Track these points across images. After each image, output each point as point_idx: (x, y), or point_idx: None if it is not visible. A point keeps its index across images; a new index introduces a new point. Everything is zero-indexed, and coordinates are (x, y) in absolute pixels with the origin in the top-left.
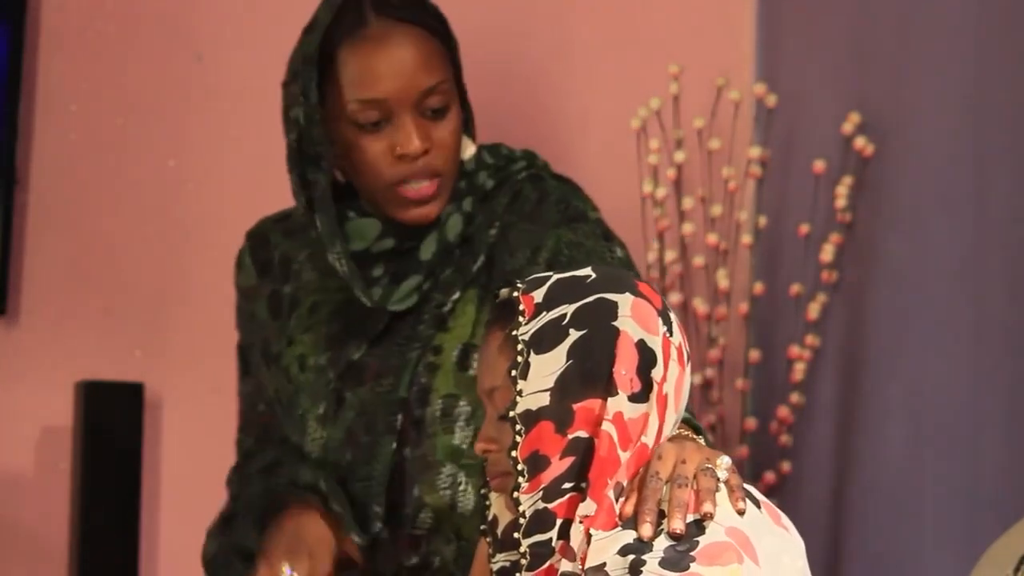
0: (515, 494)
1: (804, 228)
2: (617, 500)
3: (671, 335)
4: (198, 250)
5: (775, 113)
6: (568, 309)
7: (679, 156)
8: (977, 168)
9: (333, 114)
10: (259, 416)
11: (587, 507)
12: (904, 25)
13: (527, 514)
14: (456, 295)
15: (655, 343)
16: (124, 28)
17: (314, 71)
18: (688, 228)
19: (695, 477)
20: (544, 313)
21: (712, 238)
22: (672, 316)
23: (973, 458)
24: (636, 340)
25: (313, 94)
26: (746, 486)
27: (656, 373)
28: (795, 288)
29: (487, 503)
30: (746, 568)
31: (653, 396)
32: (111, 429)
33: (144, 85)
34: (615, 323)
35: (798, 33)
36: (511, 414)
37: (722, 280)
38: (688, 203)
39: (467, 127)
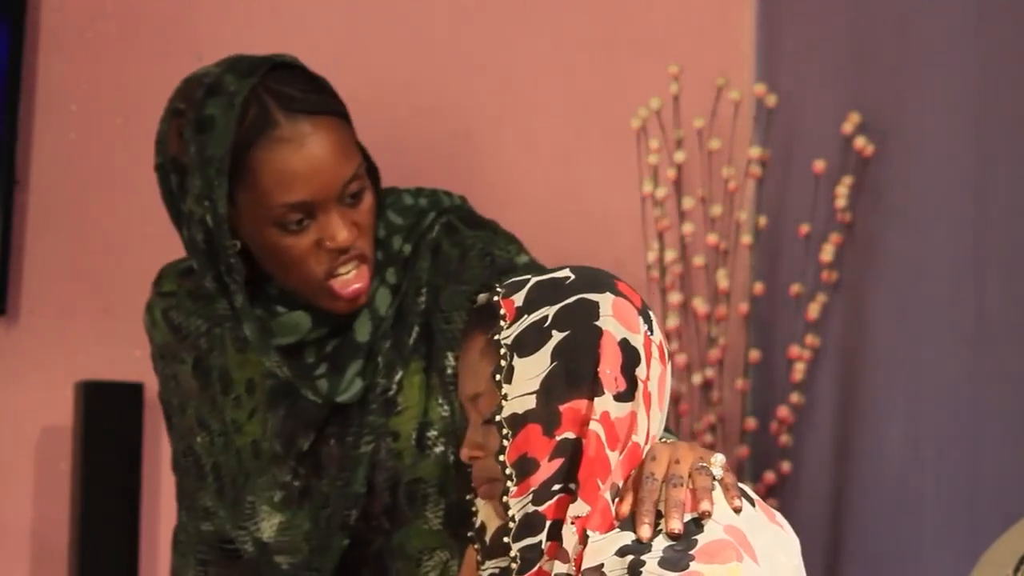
0: (504, 498)
1: (804, 228)
2: (613, 501)
3: (652, 333)
4: None
5: (775, 113)
6: (550, 311)
7: (679, 156)
8: (977, 168)
9: (250, 217)
10: (189, 471)
11: (579, 508)
12: (904, 25)
13: (517, 518)
14: (399, 375)
15: (637, 341)
16: (124, 28)
17: (223, 177)
18: (688, 228)
19: (690, 476)
20: (525, 316)
21: (712, 238)
22: (651, 314)
23: (973, 458)
24: (619, 339)
25: (223, 202)
26: (739, 484)
27: (640, 371)
28: (795, 288)
29: (474, 509)
30: (746, 566)
31: (639, 394)
32: (111, 429)
33: (144, 85)
34: (597, 323)
35: (798, 33)
36: (497, 418)
37: (722, 280)
38: (688, 203)
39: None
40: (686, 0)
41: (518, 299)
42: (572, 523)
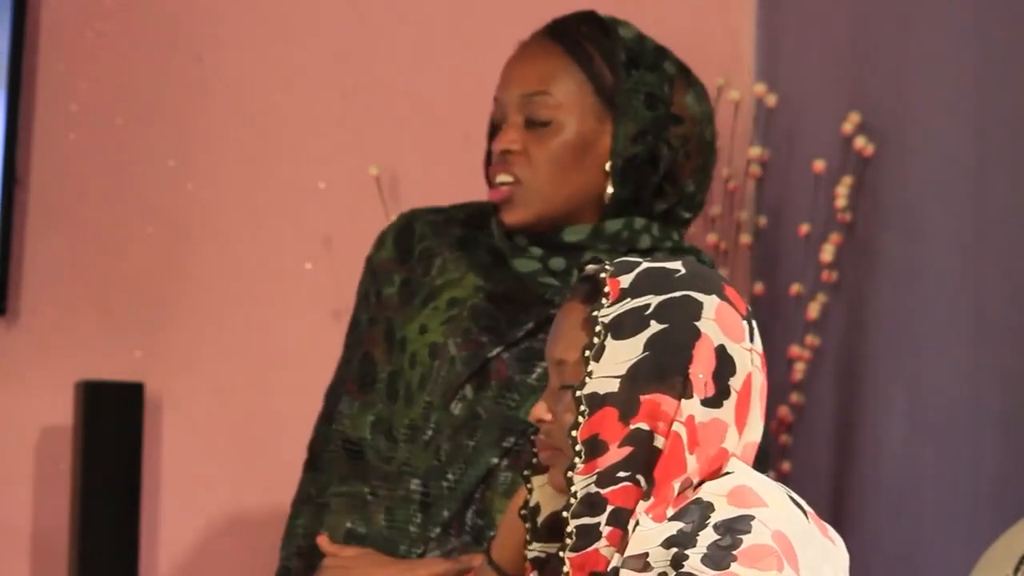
0: (569, 474)
1: (804, 228)
2: (680, 492)
3: (752, 342)
4: (198, 250)
5: (775, 113)
6: (653, 300)
7: None
8: (977, 168)
9: None
10: (344, 382)
11: (649, 505)
12: (904, 25)
13: (578, 495)
14: None
15: (735, 351)
16: (124, 28)
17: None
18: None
19: None
20: (628, 299)
21: (712, 238)
22: (754, 323)
23: (973, 458)
24: (716, 345)
25: None
26: (794, 496)
27: (735, 381)
28: (795, 288)
29: (529, 487)
30: None
31: (729, 403)
32: (111, 429)
33: (144, 85)
34: (697, 324)
35: (798, 33)
36: (578, 394)
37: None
38: None
39: (623, 180)
40: (686, 0)
41: (624, 281)
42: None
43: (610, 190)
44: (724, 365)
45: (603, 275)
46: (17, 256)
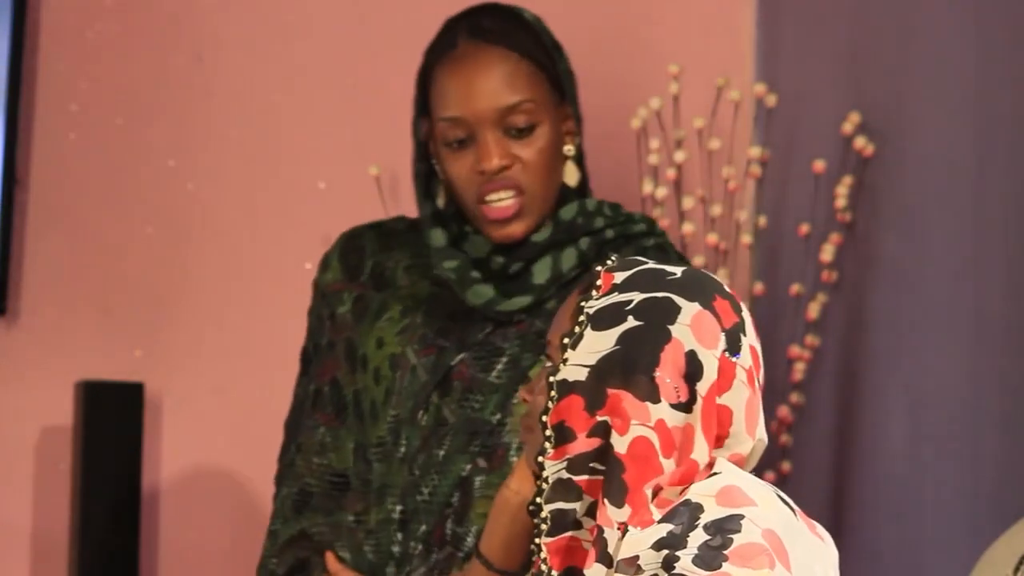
0: (539, 458)
1: (804, 228)
2: (653, 497)
3: (735, 356)
4: (198, 250)
5: (775, 113)
6: (637, 296)
7: (679, 156)
8: (977, 168)
9: (432, 134)
10: (313, 411)
11: (623, 513)
12: (904, 25)
13: (550, 480)
14: None
15: (706, 357)
16: (124, 28)
17: (420, 93)
18: (688, 228)
19: None
20: (616, 293)
21: (712, 238)
22: (744, 339)
23: (973, 458)
24: (687, 350)
25: (417, 119)
26: (781, 494)
27: (701, 387)
28: (795, 288)
29: (539, 483)
30: (777, 574)
31: (696, 409)
32: (111, 429)
33: (144, 85)
34: (671, 327)
35: (798, 33)
36: (551, 379)
37: (722, 280)
38: (688, 203)
39: (580, 160)
40: (686, 0)
41: (619, 276)
42: (617, 528)
43: (578, 175)
44: (692, 370)
45: (598, 268)
46: (17, 256)
